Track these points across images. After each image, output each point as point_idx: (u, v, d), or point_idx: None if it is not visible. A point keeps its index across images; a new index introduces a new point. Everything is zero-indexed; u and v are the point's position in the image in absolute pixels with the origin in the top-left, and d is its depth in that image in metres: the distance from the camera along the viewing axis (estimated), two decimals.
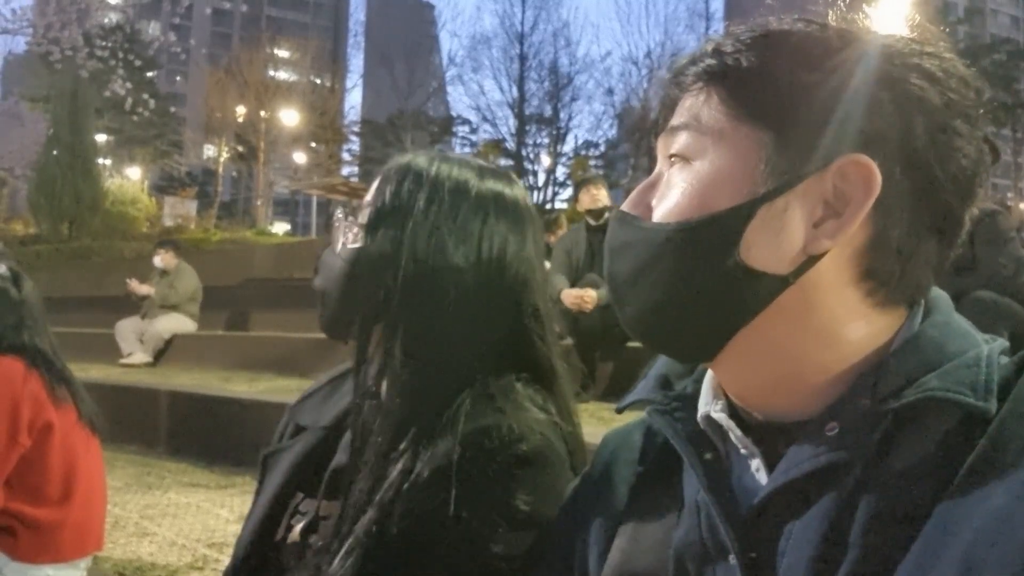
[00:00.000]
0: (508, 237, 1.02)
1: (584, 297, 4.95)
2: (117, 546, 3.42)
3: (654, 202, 0.70)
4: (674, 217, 0.67)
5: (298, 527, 1.03)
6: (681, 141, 0.69)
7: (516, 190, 1.07)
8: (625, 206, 0.73)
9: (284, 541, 1.04)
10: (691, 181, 0.67)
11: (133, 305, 8.67)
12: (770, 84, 0.65)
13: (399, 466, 0.92)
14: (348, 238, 1.04)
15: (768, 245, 0.64)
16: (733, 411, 0.70)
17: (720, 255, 0.64)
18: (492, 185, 1.04)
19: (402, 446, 0.94)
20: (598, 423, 4.13)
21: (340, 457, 1.04)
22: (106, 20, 19.93)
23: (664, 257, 0.67)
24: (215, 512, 3.95)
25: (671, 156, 0.70)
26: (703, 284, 0.65)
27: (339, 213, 1.07)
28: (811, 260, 0.63)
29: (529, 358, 1.03)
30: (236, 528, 3.78)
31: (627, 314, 0.71)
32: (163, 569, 3.16)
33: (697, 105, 0.68)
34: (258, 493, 1.13)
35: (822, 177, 0.63)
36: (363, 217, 1.03)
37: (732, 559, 0.63)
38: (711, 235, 0.64)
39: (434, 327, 0.98)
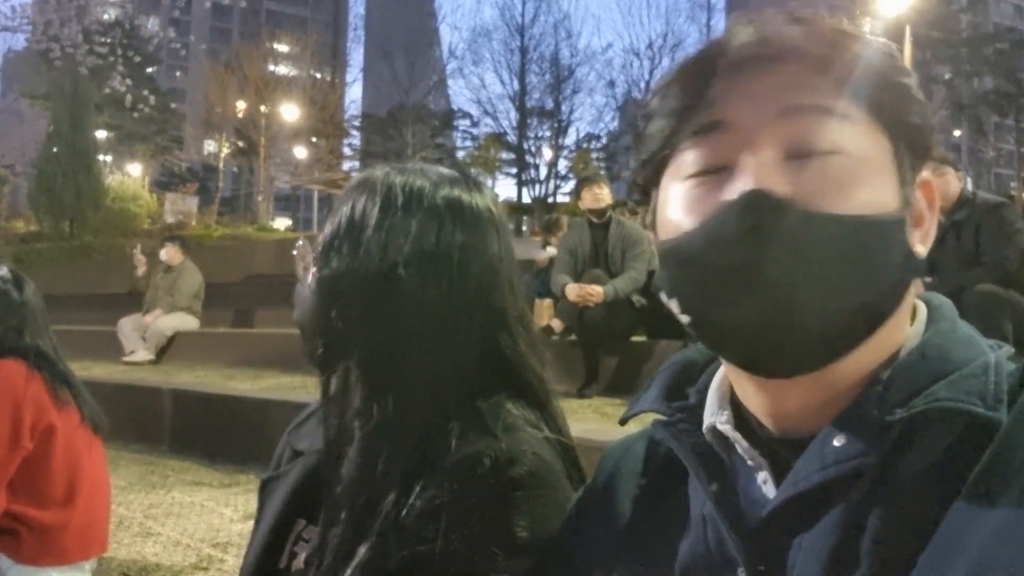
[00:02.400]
0: (467, 244, 0.97)
1: (589, 291, 4.95)
2: (121, 546, 3.42)
3: (808, 187, 0.61)
4: (860, 210, 0.61)
5: (302, 555, 1.01)
6: (842, 130, 0.62)
7: (478, 196, 1.02)
8: (791, 192, 0.60)
9: (288, 570, 1.02)
10: (863, 174, 0.62)
11: (135, 302, 8.68)
12: (886, 90, 0.65)
13: (390, 497, 0.89)
14: (311, 266, 1.00)
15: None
16: (738, 422, 0.69)
17: (902, 257, 0.63)
18: (448, 192, 0.99)
19: (387, 479, 0.90)
20: (601, 418, 4.13)
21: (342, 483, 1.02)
22: (105, 16, 19.89)
23: (861, 253, 0.61)
24: (219, 511, 3.95)
25: (823, 141, 0.62)
26: (878, 286, 0.62)
27: (299, 242, 1.03)
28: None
29: (508, 370, 0.99)
30: (240, 528, 3.79)
31: (789, 315, 0.60)
32: (168, 570, 3.17)
33: (837, 92, 0.63)
34: (258, 520, 1.10)
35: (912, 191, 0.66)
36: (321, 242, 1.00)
37: (741, 572, 0.63)
38: (894, 236, 0.63)
39: (396, 350, 0.94)
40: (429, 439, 0.91)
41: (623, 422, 0.82)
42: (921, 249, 0.65)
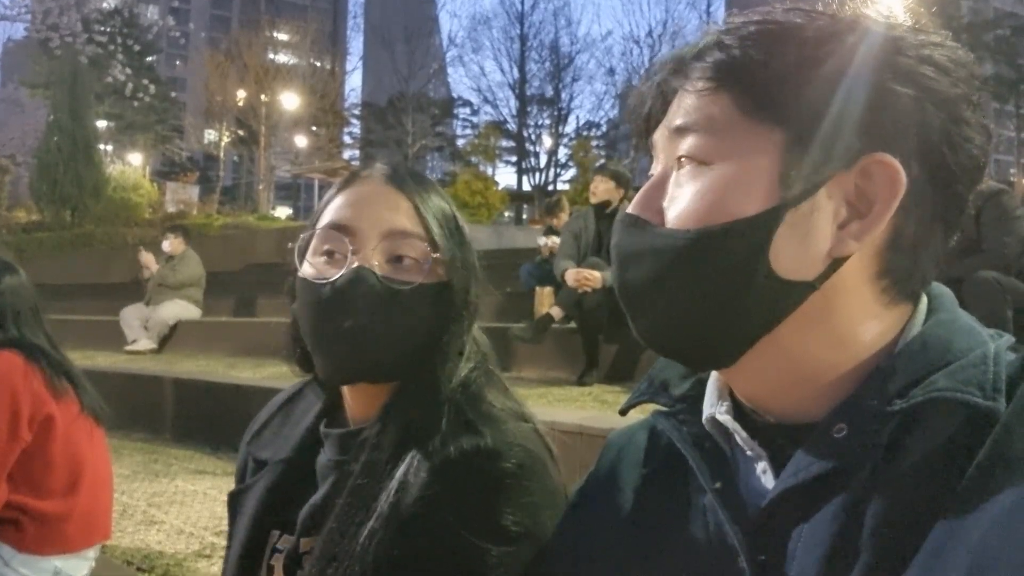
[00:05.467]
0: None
1: (586, 276, 4.94)
2: (125, 535, 3.44)
3: (665, 204, 0.67)
4: (693, 223, 0.63)
5: (279, 565, 1.00)
6: (692, 142, 0.66)
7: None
8: (634, 209, 0.69)
9: None
10: (709, 185, 0.64)
11: (137, 291, 8.68)
12: (785, 82, 0.63)
13: (386, 497, 0.90)
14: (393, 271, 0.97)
15: (795, 251, 0.62)
16: (738, 412, 0.69)
17: (748, 263, 0.62)
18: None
19: (386, 477, 0.91)
20: (601, 406, 4.13)
21: (319, 493, 1.01)
22: (104, 5, 19.84)
23: (686, 265, 0.64)
24: (222, 499, 3.96)
25: (680, 157, 0.67)
26: (729, 293, 0.63)
27: (338, 243, 0.98)
28: (836, 263, 0.62)
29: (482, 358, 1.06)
30: None
31: (642, 324, 0.68)
32: (171, 558, 3.18)
33: (707, 104, 0.65)
34: (231, 536, 1.09)
35: (845, 177, 0.62)
36: (411, 249, 0.98)
37: (741, 562, 0.63)
38: (738, 242, 0.62)
39: (451, 351, 1.00)
40: (425, 434, 0.93)
41: (624, 412, 0.82)
42: (854, 244, 0.62)
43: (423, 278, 0.97)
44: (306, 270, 0.99)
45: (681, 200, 0.65)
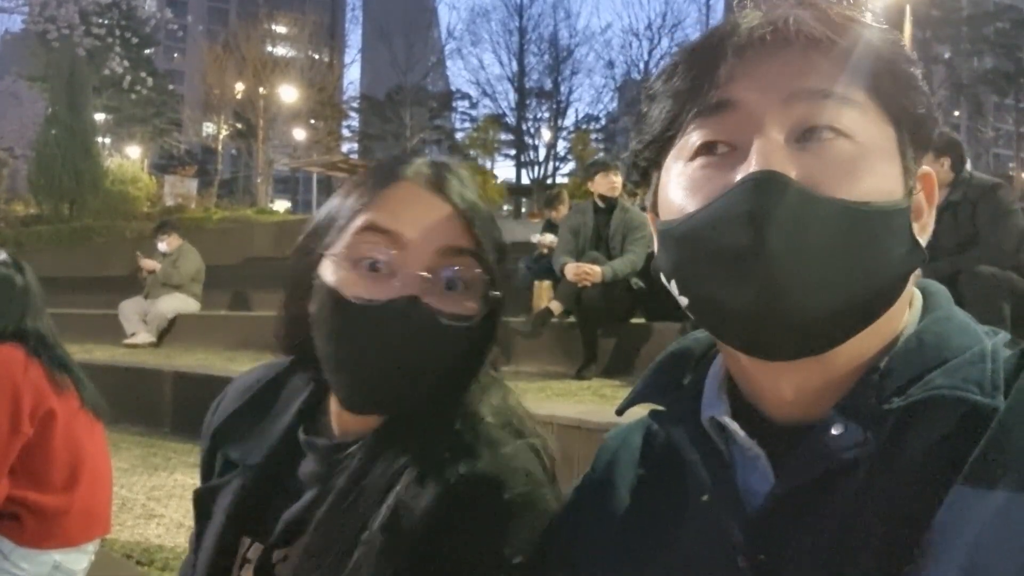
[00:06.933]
0: None
1: (587, 270, 4.95)
2: (124, 528, 3.44)
3: (799, 169, 0.61)
4: (865, 196, 0.61)
5: (248, 574, 0.95)
6: (846, 114, 0.63)
7: None
8: (798, 176, 0.60)
9: None
10: (868, 161, 0.62)
11: (136, 285, 8.67)
12: (899, 79, 0.66)
13: (378, 518, 0.83)
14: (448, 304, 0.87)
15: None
16: (736, 412, 0.69)
17: (907, 246, 0.64)
18: None
19: (379, 497, 0.85)
20: (600, 400, 4.13)
21: (299, 504, 0.94)
22: None
23: (861, 238, 0.60)
24: None
25: (825, 126, 0.62)
26: (890, 271, 0.63)
27: (422, 274, 0.86)
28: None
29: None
30: None
31: (787, 290, 0.59)
32: (170, 551, 3.19)
33: (846, 79, 0.63)
34: (199, 536, 1.02)
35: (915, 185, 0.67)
36: (464, 270, 0.89)
37: (741, 561, 0.63)
38: (904, 224, 0.64)
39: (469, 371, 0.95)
40: (424, 455, 0.87)
41: (620, 412, 0.81)
42: (920, 241, 0.65)
43: (475, 306, 0.89)
44: (338, 277, 0.87)
45: (847, 171, 0.62)
